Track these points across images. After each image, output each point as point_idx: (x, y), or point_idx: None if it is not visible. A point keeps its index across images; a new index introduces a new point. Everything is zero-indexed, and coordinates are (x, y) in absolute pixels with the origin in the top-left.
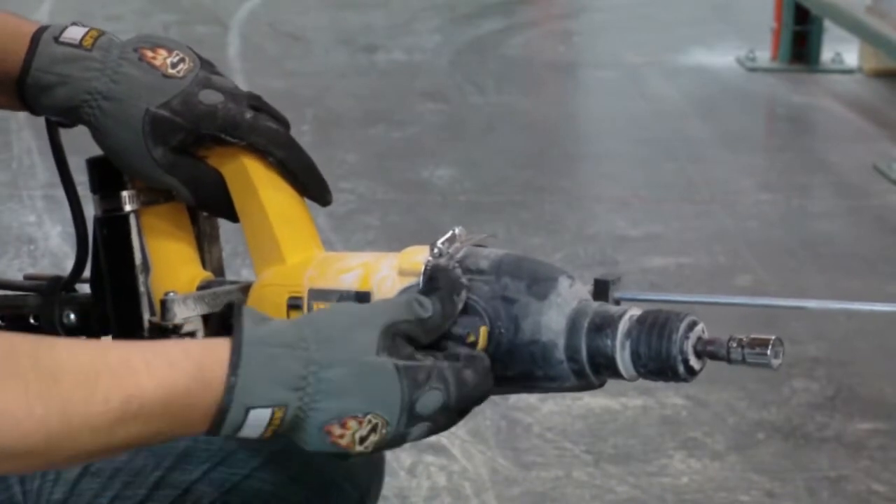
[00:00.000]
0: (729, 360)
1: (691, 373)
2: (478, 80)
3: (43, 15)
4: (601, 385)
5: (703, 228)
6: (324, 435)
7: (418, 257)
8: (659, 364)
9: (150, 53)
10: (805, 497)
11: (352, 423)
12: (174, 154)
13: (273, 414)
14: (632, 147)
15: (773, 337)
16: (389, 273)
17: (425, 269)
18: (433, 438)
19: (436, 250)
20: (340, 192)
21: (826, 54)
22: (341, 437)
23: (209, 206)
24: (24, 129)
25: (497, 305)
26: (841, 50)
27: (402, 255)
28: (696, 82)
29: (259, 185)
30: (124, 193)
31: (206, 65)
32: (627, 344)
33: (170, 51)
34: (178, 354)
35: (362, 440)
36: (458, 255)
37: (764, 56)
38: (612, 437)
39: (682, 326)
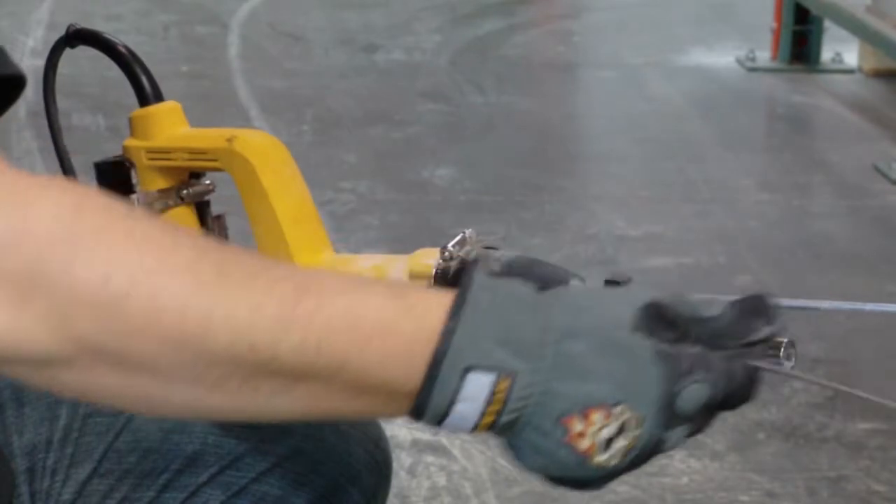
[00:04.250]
0: None
1: None
2: (478, 80)
3: (43, 14)
4: None
5: (703, 228)
6: (560, 430)
7: (429, 260)
8: None
9: None
10: (805, 497)
11: (596, 416)
12: None
13: (496, 384)
14: (632, 147)
15: (785, 339)
16: (400, 277)
17: (435, 273)
18: (432, 438)
19: (446, 253)
20: (340, 192)
21: (826, 54)
22: (581, 435)
23: None
24: (25, 129)
25: None
26: (841, 50)
27: (412, 259)
28: (696, 82)
29: (268, 186)
30: (132, 197)
31: None
32: None
33: None
34: (376, 281)
35: (607, 444)
36: (469, 258)
37: (764, 56)
38: None
39: None
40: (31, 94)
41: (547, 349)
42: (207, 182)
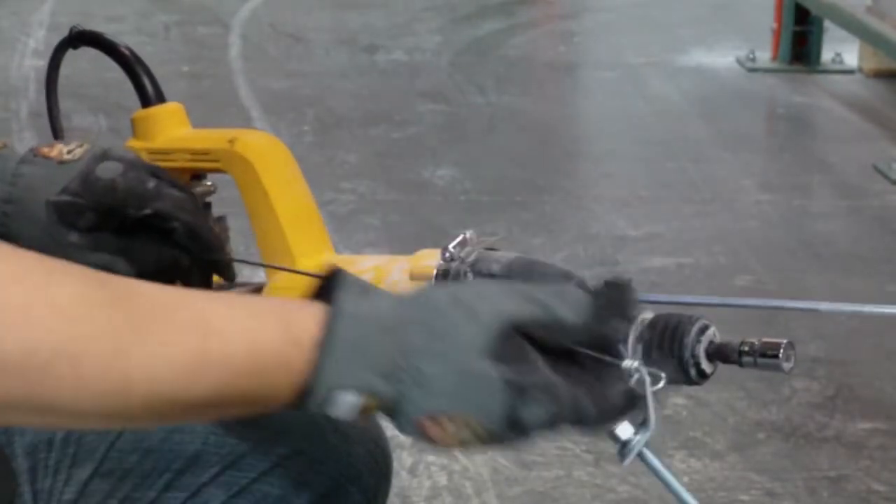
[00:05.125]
0: (741, 364)
1: (703, 376)
2: (478, 81)
3: (44, 15)
4: None
5: (703, 228)
6: (415, 426)
7: (430, 261)
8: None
9: (45, 149)
10: (805, 497)
11: (445, 420)
12: (94, 233)
13: (361, 401)
14: (632, 147)
15: (784, 341)
16: (401, 277)
17: (437, 274)
18: None
19: (447, 254)
20: (341, 193)
21: (826, 54)
22: (434, 431)
23: (148, 274)
24: (26, 129)
25: None
26: (841, 50)
27: (413, 259)
28: (696, 82)
29: (270, 188)
30: None
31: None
32: (639, 349)
33: (67, 142)
34: (262, 307)
35: (457, 437)
36: (470, 259)
37: (764, 56)
38: None
39: (694, 330)
40: (33, 94)
41: (404, 370)
42: (209, 183)
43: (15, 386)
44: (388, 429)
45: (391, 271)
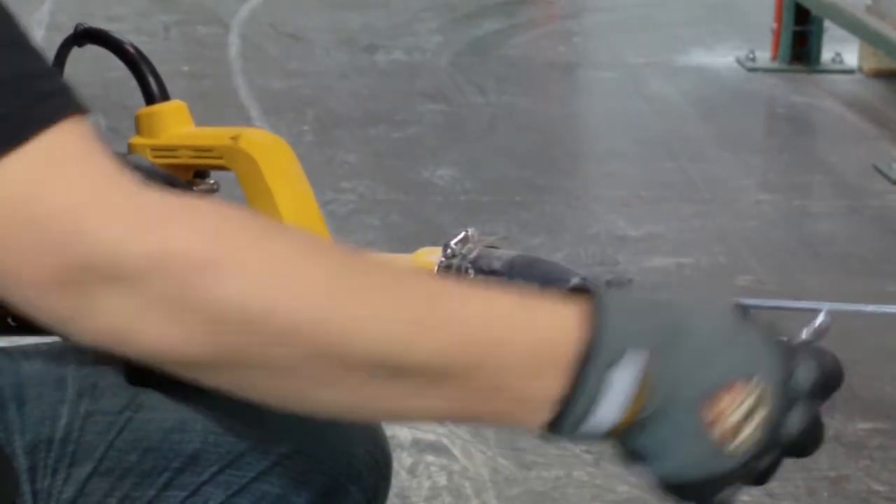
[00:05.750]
0: None
1: None
2: (478, 81)
3: (44, 15)
4: None
5: (703, 228)
6: (694, 419)
7: (431, 258)
8: None
9: None
10: (805, 497)
11: (726, 399)
12: None
13: (639, 380)
14: (632, 147)
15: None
16: None
17: (438, 270)
18: (433, 437)
19: (448, 251)
20: (341, 193)
21: (826, 54)
22: (714, 423)
23: None
24: None
25: None
26: (841, 50)
27: (414, 257)
28: (696, 82)
29: (272, 184)
30: None
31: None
32: None
33: None
34: (499, 289)
35: (737, 431)
36: (471, 256)
37: (764, 56)
38: None
39: None
40: None
41: (675, 345)
42: (212, 181)
43: (233, 337)
44: (388, 429)
45: None
